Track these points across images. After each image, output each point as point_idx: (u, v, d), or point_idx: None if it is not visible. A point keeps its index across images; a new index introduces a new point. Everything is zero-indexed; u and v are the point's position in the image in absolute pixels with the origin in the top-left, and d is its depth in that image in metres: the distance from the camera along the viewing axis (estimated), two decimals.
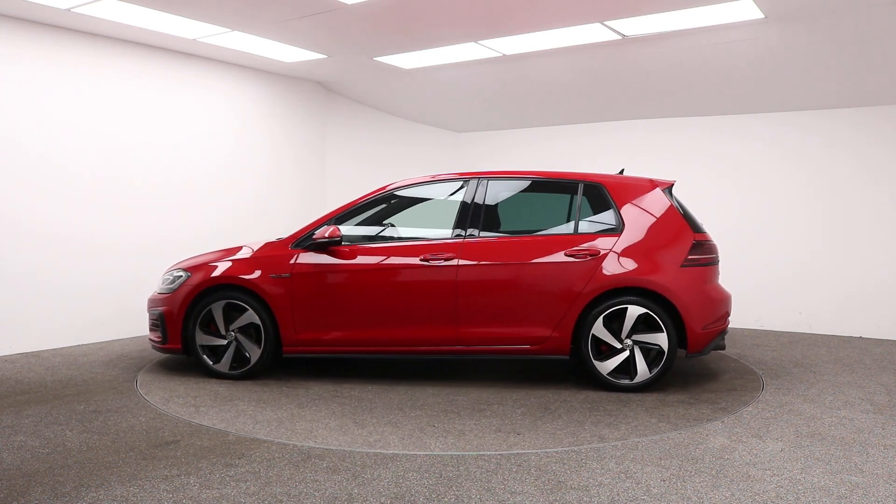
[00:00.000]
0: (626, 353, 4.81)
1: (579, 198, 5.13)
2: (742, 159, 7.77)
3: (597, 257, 4.85)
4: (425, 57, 7.05)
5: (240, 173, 7.80)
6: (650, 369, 4.80)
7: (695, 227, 5.02)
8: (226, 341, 5.25)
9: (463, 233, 5.08)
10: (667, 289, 4.76)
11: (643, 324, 4.80)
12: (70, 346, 6.36)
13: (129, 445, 3.74)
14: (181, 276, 5.36)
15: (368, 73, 7.86)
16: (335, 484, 3.22)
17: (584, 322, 4.85)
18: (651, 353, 4.81)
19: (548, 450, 3.68)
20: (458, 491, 3.14)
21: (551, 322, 4.88)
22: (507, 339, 4.94)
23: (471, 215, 5.11)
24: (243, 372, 5.23)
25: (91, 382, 5.09)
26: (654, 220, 4.99)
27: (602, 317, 4.82)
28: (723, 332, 5.02)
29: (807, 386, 5.06)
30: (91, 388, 4.94)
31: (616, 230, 4.95)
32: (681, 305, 4.75)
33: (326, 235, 5.10)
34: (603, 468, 3.41)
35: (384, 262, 5.11)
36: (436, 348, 5.04)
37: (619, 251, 4.87)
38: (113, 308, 6.71)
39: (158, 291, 5.48)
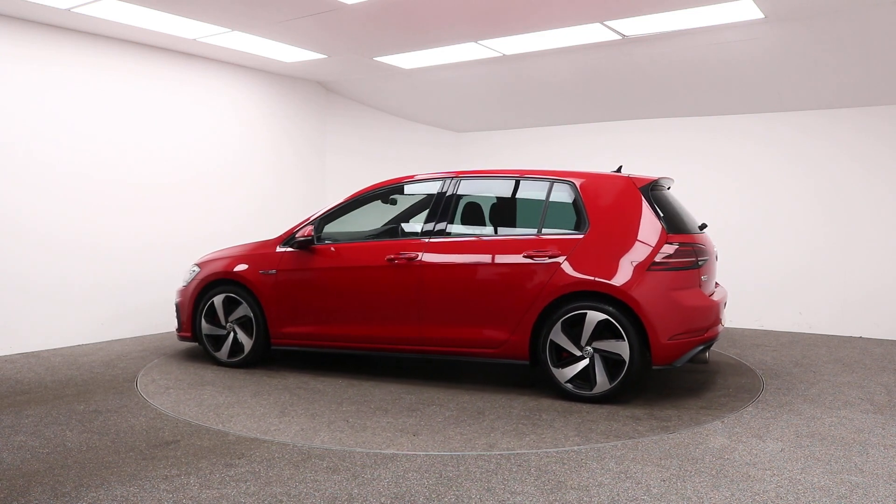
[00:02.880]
0: (587, 361, 4.54)
1: (548, 197, 4.91)
2: (742, 159, 7.77)
3: (556, 259, 4.62)
4: (425, 57, 7.05)
5: (240, 174, 7.81)
6: (611, 380, 4.49)
7: (673, 228, 4.66)
8: (225, 332, 5.64)
9: (430, 233, 5.07)
10: (626, 294, 4.41)
11: (608, 331, 4.49)
12: (70, 346, 6.36)
13: (129, 445, 3.74)
14: (195, 270, 5.87)
15: (368, 73, 7.86)
16: (335, 484, 3.22)
17: (544, 326, 4.63)
18: (613, 363, 4.50)
19: (547, 450, 3.68)
20: (458, 491, 3.14)
21: (508, 325, 4.72)
22: (466, 340, 4.87)
23: (439, 215, 5.10)
24: (238, 361, 5.61)
25: (91, 382, 5.09)
26: (623, 219, 4.69)
27: (561, 322, 4.56)
28: (703, 343, 4.58)
29: (807, 386, 5.06)
30: (91, 388, 4.94)
31: (581, 230, 4.68)
32: (642, 312, 4.39)
33: (306, 235, 5.38)
34: (603, 468, 3.41)
35: (354, 261, 5.24)
36: (401, 347, 5.09)
37: (580, 253, 4.60)
38: (113, 308, 6.71)
39: (181, 284, 5.99)
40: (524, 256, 4.70)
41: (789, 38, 5.94)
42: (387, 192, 5.45)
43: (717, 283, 5.34)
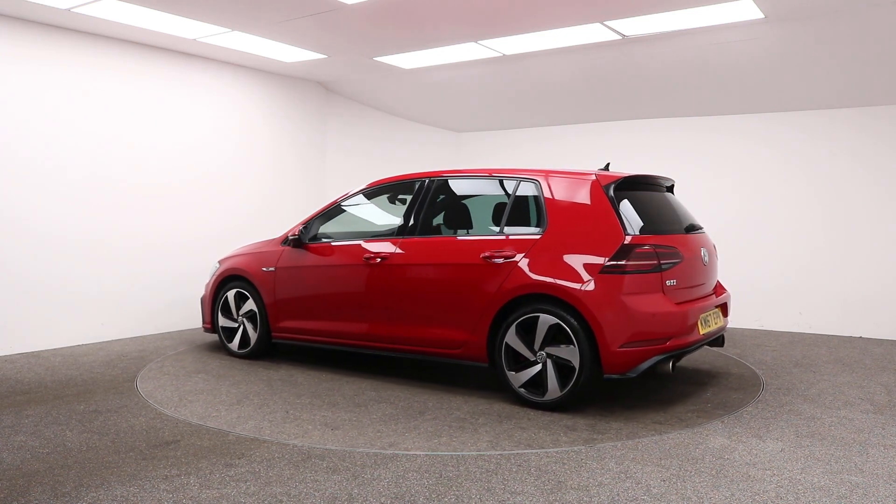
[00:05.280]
0: (539, 367, 4.38)
1: (513, 196, 4.78)
2: (742, 159, 7.77)
3: (511, 260, 4.50)
4: (425, 57, 7.05)
5: (241, 173, 7.80)
6: (562, 387, 4.30)
7: (644, 228, 4.42)
8: (237, 324, 6.00)
9: (402, 233, 5.11)
10: (575, 297, 4.22)
11: (561, 335, 4.31)
12: (70, 346, 6.36)
13: (129, 445, 3.74)
14: (216, 266, 6.28)
15: (368, 73, 7.86)
16: (335, 484, 3.22)
17: (500, 329, 4.53)
18: (565, 369, 4.31)
19: (548, 450, 3.68)
20: (458, 491, 3.14)
21: (468, 326, 4.66)
22: (431, 340, 4.87)
23: (412, 216, 5.14)
24: (246, 353, 5.95)
25: (91, 382, 5.09)
26: (581, 219, 4.46)
27: (516, 325, 4.43)
28: (664, 353, 4.24)
29: (807, 386, 5.06)
30: (91, 388, 4.94)
31: (539, 230, 4.53)
32: (590, 317, 4.17)
33: (294, 234, 5.66)
34: (603, 468, 3.41)
35: (337, 259, 5.38)
36: (374, 344, 5.19)
37: (536, 253, 4.44)
38: (113, 308, 6.71)
39: (208, 279, 6.38)
40: (482, 257, 4.63)
41: (789, 38, 5.94)
42: (372, 193, 5.57)
43: (719, 287, 5.18)
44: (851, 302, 7.15)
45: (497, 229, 4.75)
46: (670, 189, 5.23)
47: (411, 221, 5.12)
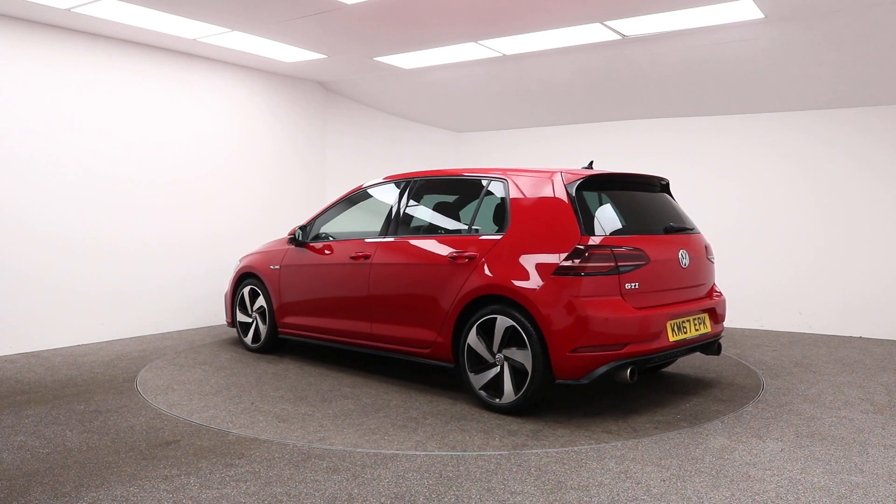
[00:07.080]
0: (498, 369, 4.31)
1: (483, 196, 4.74)
2: (741, 159, 7.77)
3: (473, 260, 4.46)
4: (425, 57, 7.05)
5: (241, 173, 7.80)
6: (516, 391, 4.21)
7: (605, 229, 4.27)
8: (251, 320, 6.25)
9: (384, 233, 5.17)
10: (526, 299, 4.12)
11: (517, 338, 4.22)
12: (70, 346, 6.36)
13: (129, 445, 3.74)
14: (237, 264, 6.49)
15: (368, 73, 7.86)
16: (335, 484, 3.22)
17: (463, 330, 4.50)
18: (521, 373, 4.22)
19: (548, 450, 3.68)
20: (458, 491, 3.14)
21: (435, 327, 4.66)
22: (404, 340, 4.90)
23: (393, 216, 5.19)
24: (257, 347, 6.20)
25: (91, 382, 5.09)
26: (541, 219, 4.33)
27: (476, 326, 4.39)
28: (620, 360, 4.04)
29: (807, 386, 5.06)
30: (91, 388, 4.94)
31: (502, 230, 4.45)
32: (541, 319, 4.06)
33: (291, 234, 5.88)
34: (603, 468, 3.41)
35: (330, 258, 5.52)
36: (358, 342, 5.29)
37: (496, 254, 4.37)
38: (113, 308, 6.71)
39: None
40: (448, 257, 4.63)
41: (789, 38, 5.94)
42: (362, 195, 5.64)
43: (715, 291, 4.95)
44: (851, 302, 7.15)
45: (466, 229, 4.77)
46: (665, 188, 5.04)
47: (392, 222, 5.18)
